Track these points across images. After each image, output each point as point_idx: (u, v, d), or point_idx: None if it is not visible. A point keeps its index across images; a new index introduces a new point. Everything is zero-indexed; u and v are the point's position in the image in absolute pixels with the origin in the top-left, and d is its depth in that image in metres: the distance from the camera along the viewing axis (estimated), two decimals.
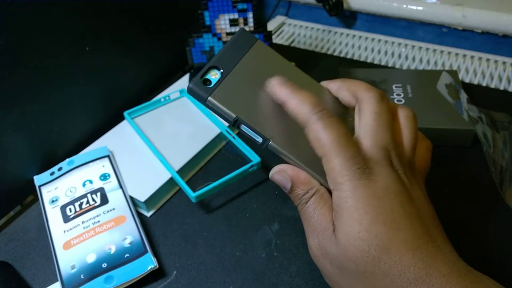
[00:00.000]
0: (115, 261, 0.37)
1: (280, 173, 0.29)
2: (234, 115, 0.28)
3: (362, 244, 0.24)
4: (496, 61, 0.64)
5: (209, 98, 0.27)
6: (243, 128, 0.28)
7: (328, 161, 0.26)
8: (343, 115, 0.31)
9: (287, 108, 0.27)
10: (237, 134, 0.48)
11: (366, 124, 0.27)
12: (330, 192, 0.27)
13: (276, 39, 0.76)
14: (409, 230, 0.25)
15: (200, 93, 0.28)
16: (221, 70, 0.28)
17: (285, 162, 0.29)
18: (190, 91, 0.28)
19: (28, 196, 0.47)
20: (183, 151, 0.46)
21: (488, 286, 0.24)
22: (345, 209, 0.25)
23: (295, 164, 0.28)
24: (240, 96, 0.28)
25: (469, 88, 0.57)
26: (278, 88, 0.27)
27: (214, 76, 0.28)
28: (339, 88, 0.30)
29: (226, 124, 0.49)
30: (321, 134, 0.25)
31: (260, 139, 0.28)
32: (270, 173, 0.30)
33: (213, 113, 0.28)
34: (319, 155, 0.26)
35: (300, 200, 0.28)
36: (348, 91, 0.30)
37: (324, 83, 0.32)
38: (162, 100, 0.54)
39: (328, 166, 0.26)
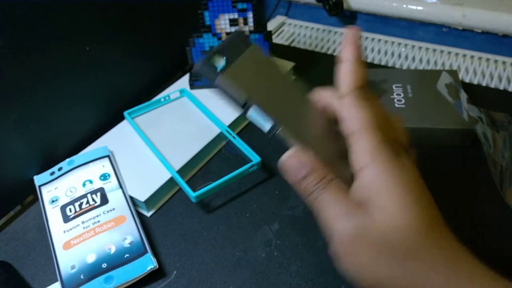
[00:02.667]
0: (115, 261, 0.37)
1: (294, 158, 0.27)
2: (245, 95, 0.27)
3: (409, 221, 0.24)
4: (496, 61, 0.64)
5: (220, 76, 0.26)
6: (252, 113, 0.27)
7: (362, 136, 0.25)
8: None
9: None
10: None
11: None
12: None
13: (276, 39, 0.76)
14: (437, 212, 0.26)
15: (211, 71, 0.27)
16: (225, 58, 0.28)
17: None
18: (200, 68, 0.27)
19: (28, 196, 0.47)
20: (183, 151, 0.46)
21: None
22: (383, 189, 0.24)
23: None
24: (250, 80, 0.28)
25: (469, 88, 0.57)
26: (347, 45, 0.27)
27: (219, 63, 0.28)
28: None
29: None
30: (360, 109, 0.25)
31: (269, 125, 0.27)
32: (283, 158, 0.27)
33: (221, 94, 0.27)
34: (350, 130, 0.25)
35: (315, 187, 0.26)
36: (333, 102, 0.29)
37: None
38: (162, 100, 0.54)
39: (362, 142, 0.25)
